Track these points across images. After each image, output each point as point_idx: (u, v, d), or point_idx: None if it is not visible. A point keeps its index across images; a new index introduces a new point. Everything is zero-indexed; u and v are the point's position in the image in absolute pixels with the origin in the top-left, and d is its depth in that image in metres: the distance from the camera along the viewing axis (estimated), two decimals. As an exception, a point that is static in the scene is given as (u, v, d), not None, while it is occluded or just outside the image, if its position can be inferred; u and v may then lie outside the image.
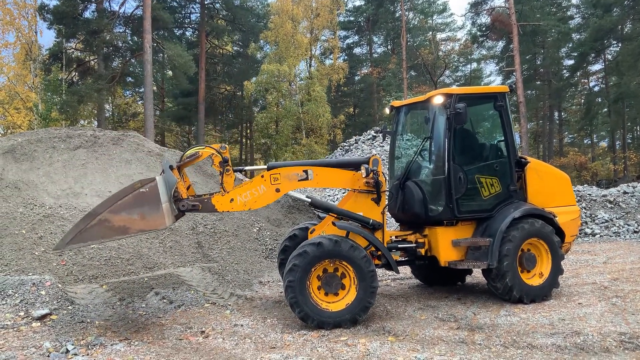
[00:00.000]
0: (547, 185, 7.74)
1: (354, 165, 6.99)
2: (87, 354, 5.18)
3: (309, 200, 7.01)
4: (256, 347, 5.40)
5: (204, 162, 12.99)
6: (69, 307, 6.60)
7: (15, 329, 5.91)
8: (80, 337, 5.67)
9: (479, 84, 47.22)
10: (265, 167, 6.71)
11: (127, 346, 5.45)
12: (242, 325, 6.30)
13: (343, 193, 17.87)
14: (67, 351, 5.21)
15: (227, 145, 6.62)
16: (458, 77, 52.16)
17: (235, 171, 6.61)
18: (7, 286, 6.72)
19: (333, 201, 17.63)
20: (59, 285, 7.07)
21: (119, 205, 5.50)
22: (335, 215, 6.80)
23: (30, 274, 7.42)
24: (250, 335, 5.89)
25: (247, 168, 6.94)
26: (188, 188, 6.49)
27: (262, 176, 6.48)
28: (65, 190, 9.70)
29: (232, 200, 6.32)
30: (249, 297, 8.00)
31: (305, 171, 6.61)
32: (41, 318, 6.22)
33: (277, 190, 6.48)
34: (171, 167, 6.13)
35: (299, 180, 6.58)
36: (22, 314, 6.30)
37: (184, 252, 9.30)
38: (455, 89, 7.50)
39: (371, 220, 6.73)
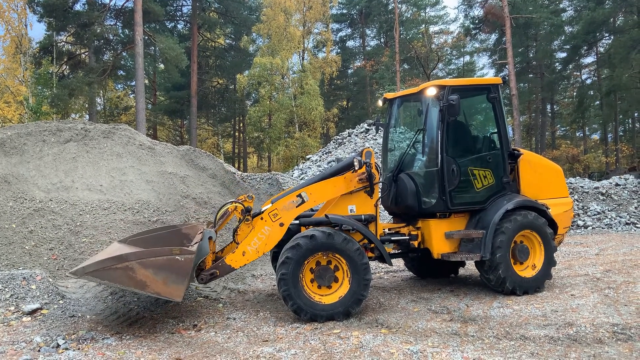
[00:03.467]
0: (539, 177, 7.74)
1: (346, 169, 6.91)
2: (78, 349, 5.14)
3: (298, 221, 6.94)
4: (249, 341, 5.38)
5: (196, 155, 12.96)
6: (60, 302, 6.55)
7: (5, 324, 5.85)
8: (72, 332, 5.62)
9: (472, 76, 47.17)
10: (270, 204, 6.70)
11: (118, 340, 5.41)
12: (234, 319, 6.28)
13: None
14: (58, 345, 5.17)
15: (253, 196, 6.87)
16: (451, 70, 52.13)
17: (253, 216, 6.67)
18: (-3, 281, 6.65)
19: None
20: (50, 280, 7.01)
21: (150, 261, 5.44)
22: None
23: (20, 268, 7.36)
24: (242, 328, 5.87)
25: (264, 209, 6.85)
26: (214, 253, 6.64)
27: (262, 218, 6.50)
28: (55, 184, 9.61)
29: (244, 253, 6.40)
30: (241, 291, 7.97)
31: (299, 195, 6.60)
32: (32, 312, 6.16)
33: (281, 225, 6.49)
34: (210, 238, 6.34)
35: (297, 207, 6.58)
36: (12, 308, 6.25)
37: (177, 246, 9.24)
38: (448, 81, 7.46)
39: (363, 217, 6.74)
